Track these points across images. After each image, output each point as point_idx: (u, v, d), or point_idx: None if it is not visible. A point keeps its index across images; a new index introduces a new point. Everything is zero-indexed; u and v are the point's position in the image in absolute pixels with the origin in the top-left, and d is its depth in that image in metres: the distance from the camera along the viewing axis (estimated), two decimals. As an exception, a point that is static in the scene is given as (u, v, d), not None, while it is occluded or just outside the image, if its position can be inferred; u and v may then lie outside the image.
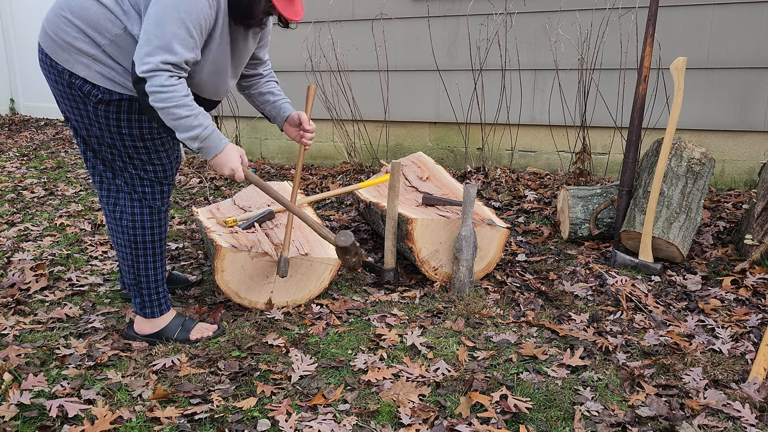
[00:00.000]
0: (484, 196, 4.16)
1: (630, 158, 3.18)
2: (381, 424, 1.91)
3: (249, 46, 2.31)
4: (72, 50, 2.09)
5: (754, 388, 2.03)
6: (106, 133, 2.19)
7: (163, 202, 2.36)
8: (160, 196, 2.34)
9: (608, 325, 2.51)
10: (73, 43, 2.09)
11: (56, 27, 2.10)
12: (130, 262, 2.35)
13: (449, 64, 4.71)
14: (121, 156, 2.24)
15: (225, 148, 2.16)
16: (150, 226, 2.33)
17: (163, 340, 2.42)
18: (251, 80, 2.55)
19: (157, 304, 2.41)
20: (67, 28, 2.09)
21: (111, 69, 2.10)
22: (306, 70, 5.05)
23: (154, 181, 2.31)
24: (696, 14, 4.05)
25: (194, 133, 2.08)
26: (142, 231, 2.32)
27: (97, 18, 2.07)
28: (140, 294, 2.39)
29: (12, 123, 8.02)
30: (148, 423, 1.93)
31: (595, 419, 1.91)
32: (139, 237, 2.32)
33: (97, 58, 2.09)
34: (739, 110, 4.07)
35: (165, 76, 1.99)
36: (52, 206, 4.37)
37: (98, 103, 2.13)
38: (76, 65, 2.10)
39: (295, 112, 2.56)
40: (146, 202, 2.31)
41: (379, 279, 2.98)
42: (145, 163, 2.27)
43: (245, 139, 5.59)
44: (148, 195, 2.31)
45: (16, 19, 8.34)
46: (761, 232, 2.95)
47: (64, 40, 2.09)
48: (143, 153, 2.25)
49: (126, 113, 2.16)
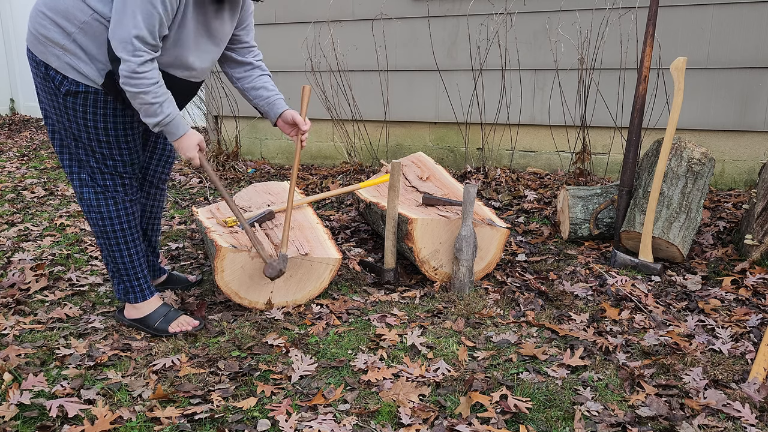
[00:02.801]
0: (484, 196, 4.16)
1: (630, 158, 3.18)
2: (381, 424, 1.91)
3: (226, 26, 2.36)
4: (46, 42, 2.20)
5: (754, 388, 2.03)
6: (74, 124, 2.28)
7: (126, 193, 2.42)
8: (122, 189, 2.41)
9: (608, 325, 2.51)
10: (47, 34, 2.19)
11: (35, 22, 2.22)
12: (106, 252, 2.46)
13: (449, 64, 4.71)
14: (84, 148, 2.33)
15: (183, 136, 2.27)
16: (116, 216, 2.41)
17: (144, 327, 2.51)
18: (242, 71, 2.58)
19: (139, 290, 2.50)
20: (42, 21, 2.19)
21: (78, 59, 2.19)
22: (306, 70, 5.05)
23: (114, 175, 2.38)
24: (696, 14, 4.05)
25: (156, 119, 2.19)
26: (110, 221, 2.40)
27: (66, 7, 2.16)
28: (122, 281, 2.49)
29: (12, 123, 8.02)
30: (148, 423, 1.93)
31: (595, 419, 1.91)
32: (108, 227, 2.40)
33: (66, 48, 2.18)
34: (739, 110, 4.07)
35: (136, 63, 2.08)
36: (52, 206, 4.37)
37: (66, 94, 2.23)
38: (50, 57, 2.20)
39: (289, 111, 2.59)
40: (108, 193, 2.39)
41: (379, 279, 2.98)
42: (107, 157, 2.34)
43: (245, 139, 5.59)
44: (110, 187, 2.39)
45: (16, 20, 8.35)
46: (761, 232, 2.95)
47: (40, 32, 2.20)
48: (105, 147, 2.33)
49: (92, 106, 2.25)
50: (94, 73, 2.20)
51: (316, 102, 4.99)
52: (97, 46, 2.18)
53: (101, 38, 2.17)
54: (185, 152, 2.30)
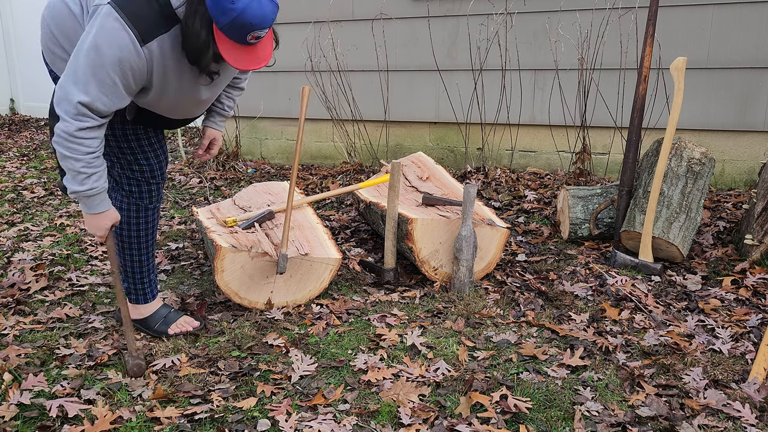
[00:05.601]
0: (484, 196, 4.16)
1: (630, 158, 3.18)
2: (381, 424, 1.91)
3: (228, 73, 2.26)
4: (55, 57, 2.18)
5: (754, 388, 2.03)
6: None
7: (150, 200, 2.38)
8: (148, 195, 2.37)
9: (608, 325, 2.51)
10: (54, 50, 2.17)
11: (45, 32, 2.19)
12: (118, 250, 2.41)
13: (449, 64, 4.71)
14: (107, 155, 2.28)
15: (100, 214, 2.10)
16: (136, 223, 2.37)
17: (145, 328, 2.50)
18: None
19: (142, 293, 2.48)
20: (50, 36, 2.17)
21: None
22: (306, 70, 5.05)
23: (141, 181, 2.33)
24: (696, 14, 4.05)
25: (78, 188, 2.01)
26: (128, 227, 2.37)
27: (68, 31, 2.12)
28: (127, 280, 2.47)
29: (12, 123, 8.02)
30: (148, 423, 1.93)
31: (595, 419, 1.91)
32: (125, 232, 2.37)
33: None
34: (739, 110, 4.07)
35: (75, 127, 1.92)
36: (52, 206, 4.37)
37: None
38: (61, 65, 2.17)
39: (211, 131, 2.52)
40: (133, 199, 2.35)
41: (379, 279, 2.98)
42: (132, 163, 2.30)
43: (245, 139, 5.59)
44: (135, 193, 2.34)
45: (16, 20, 8.34)
46: (761, 232, 2.95)
47: (48, 46, 2.19)
48: (128, 153, 2.28)
49: None
50: None
51: (316, 102, 4.99)
52: None
53: None
54: (94, 230, 2.13)
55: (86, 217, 2.12)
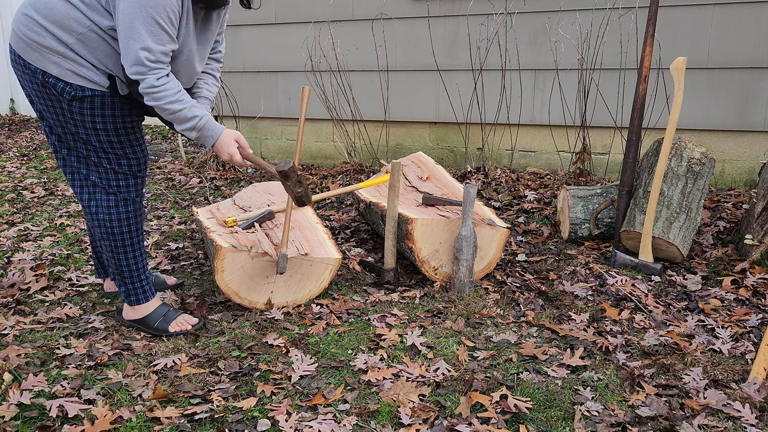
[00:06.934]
0: (484, 196, 4.16)
1: (630, 158, 3.18)
2: (381, 424, 1.91)
3: (213, 30, 2.35)
4: (42, 49, 2.14)
5: (754, 388, 2.03)
6: (81, 129, 2.25)
7: (137, 194, 2.42)
8: (135, 189, 2.41)
9: (608, 325, 2.51)
10: (42, 42, 2.13)
11: (24, 27, 2.15)
12: (111, 254, 2.43)
13: (449, 64, 4.71)
14: (96, 151, 2.30)
15: (221, 135, 2.26)
16: (126, 218, 2.40)
17: (144, 327, 2.51)
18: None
19: (141, 291, 2.49)
20: (35, 28, 2.13)
21: (81, 66, 2.16)
22: (306, 70, 5.05)
23: (128, 174, 2.38)
24: (696, 14, 4.05)
25: (191, 124, 2.19)
26: (118, 223, 2.39)
27: (61, 17, 2.11)
28: (124, 283, 2.47)
29: (12, 123, 8.02)
30: (148, 423, 1.93)
31: (595, 419, 1.91)
32: (116, 229, 2.39)
33: (66, 56, 2.14)
34: (739, 110, 4.07)
35: (153, 78, 2.09)
36: (52, 206, 4.37)
37: (72, 100, 2.19)
38: (49, 64, 2.15)
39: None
40: (121, 195, 2.37)
41: (379, 279, 2.98)
42: (120, 157, 2.34)
43: (245, 139, 5.58)
44: (123, 188, 2.38)
45: (16, 19, 8.34)
46: (761, 232, 2.95)
47: (33, 39, 2.14)
48: (118, 147, 2.32)
49: (99, 109, 2.22)
50: (99, 77, 2.17)
51: (316, 102, 4.99)
52: (97, 56, 2.15)
53: (101, 47, 2.14)
54: (224, 151, 2.28)
55: (215, 149, 2.29)
